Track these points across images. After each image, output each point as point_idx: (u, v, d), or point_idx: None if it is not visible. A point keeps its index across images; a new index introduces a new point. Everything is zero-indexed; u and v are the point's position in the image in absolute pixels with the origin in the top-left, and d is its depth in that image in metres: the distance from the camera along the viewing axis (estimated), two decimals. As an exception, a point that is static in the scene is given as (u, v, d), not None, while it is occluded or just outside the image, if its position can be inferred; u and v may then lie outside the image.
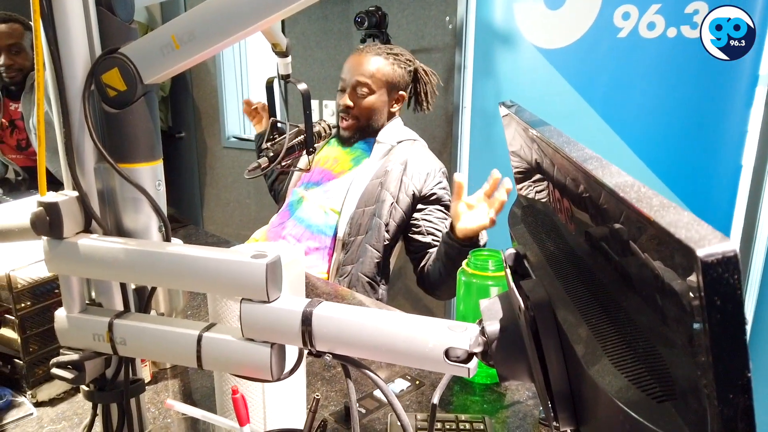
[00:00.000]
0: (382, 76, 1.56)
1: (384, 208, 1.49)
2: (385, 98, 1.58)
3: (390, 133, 1.60)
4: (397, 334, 0.48)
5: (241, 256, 0.50)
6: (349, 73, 1.58)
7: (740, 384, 0.24)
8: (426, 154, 1.58)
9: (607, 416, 0.35)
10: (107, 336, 0.57)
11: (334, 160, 1.64)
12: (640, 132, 1.97)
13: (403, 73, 1.60)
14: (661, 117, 1.90)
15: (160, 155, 0.60)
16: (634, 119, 1.98)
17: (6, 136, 2.32)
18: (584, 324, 0.39)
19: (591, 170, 0.35)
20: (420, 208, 1.53)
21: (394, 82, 1.58)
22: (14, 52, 2.16)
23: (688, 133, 1.86)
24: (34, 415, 0.84)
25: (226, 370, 0.55)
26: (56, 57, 0.54)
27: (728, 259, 0.22)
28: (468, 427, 0.77)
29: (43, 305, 0.86)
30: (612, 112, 2.03)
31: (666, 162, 1.92)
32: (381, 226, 1.49)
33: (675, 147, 1.88)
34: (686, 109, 1.85)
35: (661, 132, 1.91)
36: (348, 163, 1.61)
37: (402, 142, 1.59)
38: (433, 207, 1.53)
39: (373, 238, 1.48)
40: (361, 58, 1.58)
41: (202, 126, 3.68)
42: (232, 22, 0.50)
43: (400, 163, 1.52)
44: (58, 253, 0.56)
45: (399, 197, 1.50)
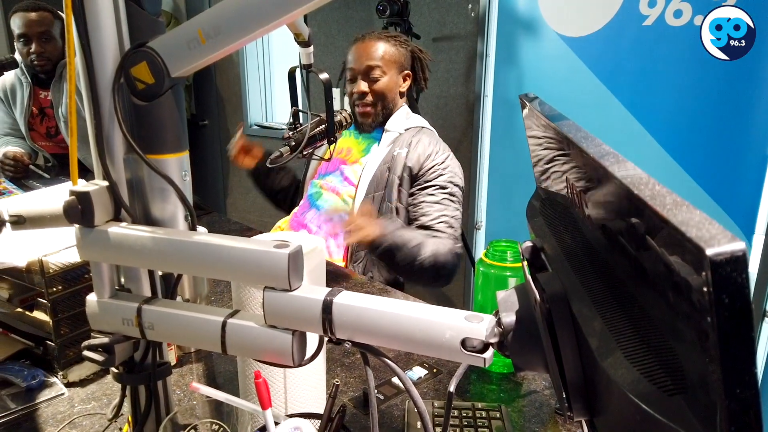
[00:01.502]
0: (390, 57, 1.60)
1: (393, 192, 1.53)
2: (395, 79, 1.63)
3: (398, 121, 1.64)
4: (415, 323, 0.49)
5: (264, 246, 0.51)
6: (357, 60, 1.60)
7: (747, 379, 0.24)
8: (430, 139, 1.60)
9: (619, 408, 0.36)
10: (136, 321, 0.59)
11: (348, 150, 1.68)
12: (665, 122, 1.94)
13: (405, 52, 1.65)
14: (686, 107, 1.87)
15: (186, 146, 0.62)
16: (659, 109, 1.95)
17: (36, 124, 2.38)
18: (599, 317, 0.40)
19: (607, 166, 0.35)
20: (413, 192, 1.55)
21: (400, 62, 1.63)
22: (44, 40, 2.20)
23: (713, 123, 1.82)
24: (65, 395, 0.87)
25: (249, 355, 0.56)
26: (87, 50, 0.56)
27: (737, 258, 0.23)
28: (484, 416, 0.78)
29: (73, 289, 0.90)
30: (636, 101, 2.00)
31: (690, 152, 1.89)
32: (392, 209, 1.52)
33: (700, 137, 1.85)
34: (712, 99, 1.81)
35: (686, 122, 1.88)
36: (360, 152, 1.65)
37: (409, 129, 1.63)
38: (426, 190, 1.54)
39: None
40: (366, 45, 1.61)
41: (225, 114, 3.72)
42: (256, 18, 0.51)
43: (406, 147, 1.56)
44: (89, 241, 0.59)
45: (403, 178, 1.53)
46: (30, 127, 2.37)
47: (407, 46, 1.67)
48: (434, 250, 1.42)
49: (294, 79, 1.43)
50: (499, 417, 0.79)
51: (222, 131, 3.76)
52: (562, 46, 2.15)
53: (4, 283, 0.95)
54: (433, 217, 1.50)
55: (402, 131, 1.62)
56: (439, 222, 1.50)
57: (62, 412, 0.83)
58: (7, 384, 0.88)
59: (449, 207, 1.52)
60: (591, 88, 2.09)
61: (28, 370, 0.90)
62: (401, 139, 1.60)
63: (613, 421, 0.39)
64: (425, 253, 1.40)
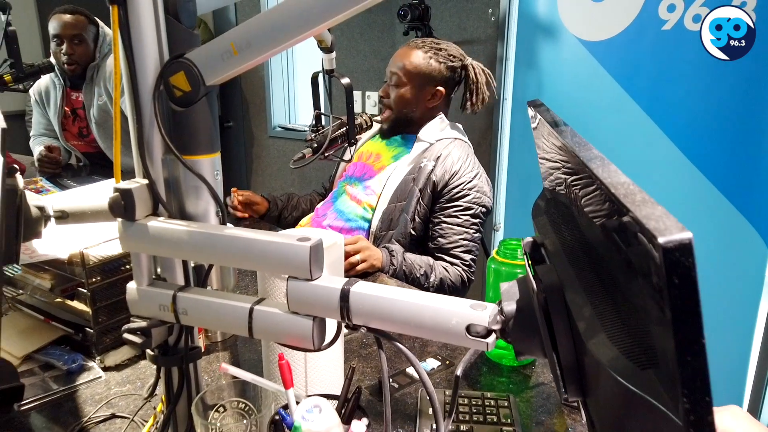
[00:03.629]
0: (413, 69, 1.56)
1: (411, 204, 1.49)
2: (416, 91, 1.57)
3: (431, 131, 1.60)
4: (425, 310, 0.53)
5: (288, 239, 0.56)
6: (389, 65, 1.63)
7: (696, 348, 0.29)
8: (460, 154, 1.54)
9: (603, 385, 0.40)
10: (171, 307, 0.65)
11: (376, 156, 1.67)
12: (683, 125, 1.95)
13: (441, 68, 1.58)
14: (704, 110, 1.88)
15: (218, 148, 0.67)
16: (677, 113, 1.96)
17: (68, 124, 2.48)
18: (589, 304, 0.44)
19: (593, 168, 0.40)
20: (435, 208, 1.51)
21: (427, 75, 1.57)
22: (76, 42, 2.29)
23: (731, 127, 1.83)
24: (102, 378, 0.94)
25: (273, 339, 0.62)
26: (131, 61, 0.62)
27: (684, 245, 0.27)
28: (493, 404, 0.83)
29: (111, 280, 0.96)
30: (655, 105, 2.02)
31: (709, 156, 1.89)
32: (407, 221, 1.50)
33: (718, 140, 1.86)
34: (731, 103, 1.82)
35: (704, 125, 1.89)
36: (389, 159, 1.63)
37: (441, 141, 1.58)
38: (449, 210, 1.49)
39: (399, 233, 1.51)
40: (401, 51, 1.61)
41: (249, 116, 3.80)
42: (284, 32, 0.56)
43: (433, 160, 1.52)
44: (130, 234, 0.64)
45: (424, 193, 1.50)
46: (63, 127, 2.47)
47: (450, 61, 1.60)
48: (441, 277, 1.43)
49: (317, 84, 1.49)
50: (507, 406, 0.83)
51: (246, 133, 3.85)
52: (581, 50, 2.17)
53: (47, 274, 1.02)
54: (452, 240, 1.47)
55: (433, 141, 1.57)
56: (456, 246, 1.48)
57: (100, 394, 0.90)
58: (50, 367, 0.95)
59: (470, 230, 1.49)
60: (610, 91, 2.11)
61: (69, 355, 0.96)
62: (431, 150, 1.55)
63: (599, 398, 0.44)
64: (432, 280, 1.42)
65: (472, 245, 1.51)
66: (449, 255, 1.48)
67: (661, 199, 0.32)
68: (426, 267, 1.43)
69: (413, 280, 1.41)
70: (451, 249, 1.48)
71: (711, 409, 0.30)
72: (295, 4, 0.55)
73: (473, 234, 1.51)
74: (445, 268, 1.46)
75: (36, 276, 1.04)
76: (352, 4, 0.54)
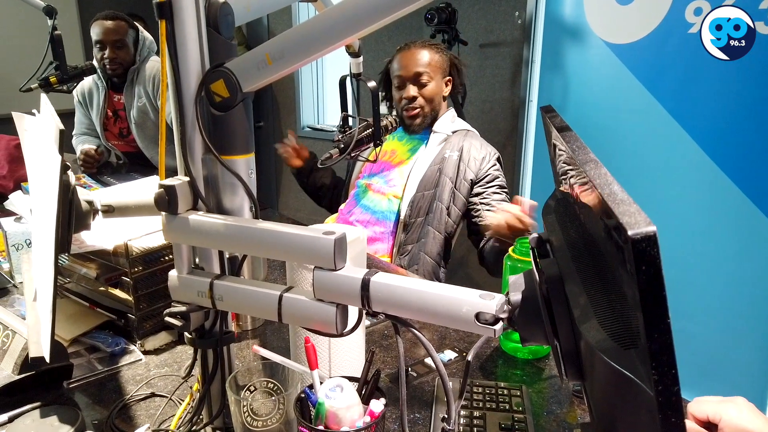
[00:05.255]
0: (435, 64, 1.72)
1: (445, 193, 1.62)
2: (441, 84, 1.74)
3: (445, 123, 1.75)
4: (438, 299, 0.58)
5: (315, 233, 0.62)
6: (405, 68, 1.71)
7: (662, 327, 0.33)
8: (480, 142, 1.71)
9: (594, 365, 0.45)
10: (209, 293, 0.71)
11: (392, 152, 1.78)
12: (709, 129, 1.95)
13: (446, 59, 1.78)
14: (731, 114, 1.88)
15: (252, 149, 0.74)
16: (705, 117, 1.96)
17: (110, 125, 2.59)
18: (584, 294, 0.49)
19: (586, 170, 0.44)
20: (477, 192, 1.65)
21: (443, 68, 1.75)
22: (118, 47, 2.40)
23: (758, 130, 1.83)
24: (142, 360, 1.01)
25: (300, 323, 0.67)
26: (176, 70, 0.69)
27: (649, 237, 0.32)
28: (505, 393, 0.87)
29: (151, 270, 1.04)
30: (681, 109, 2.02)
31: (735, 159, 1.89)
32: (443, 210, 1.61)
33: (744, 144, 1.86)
34: (760, 108, 1.82)
35: (731, 129, 1.88)
36: (405, 153, 1.75)
37: (456, 132, 1.73)
38: (489, 190, 1.65)
39: (435, 220, 1.61)
40: (413, 52, 1.73)
41: (279, 116, 3.90)
42: (315, 43, 0.62)
43: (457, 151, 1.66)
44: (173, 226, 0.71)
45: (458, 183, 1.63)
46: (104, 128, 2.59)
47: (447, 53, 1.80)
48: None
49: (344, 87, 1.55)
50: (519, 395, 0.87)
51: (276, 133, 3.94)
52: (607, 53, 2.18)
53: (93, 264, 1.10)
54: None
55: (450, 133, 1.73)
56: None
57: (140, 374, 0.97)
58: (95, 350, 1.03)
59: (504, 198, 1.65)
60: (636, 94, 2.12)
61: (112, 339, 1.04)
62: (450, 141, 1.70)
63: (593, 379, 0.48)
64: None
65: None
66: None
67: (685, 202, 0.36)
68: None
69: None
70: None
71: (677, 381, 0.34)
72: (325, 19, 0.61)
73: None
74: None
75: (83, 265, 1.12)
76: (381, 17, 0.59)
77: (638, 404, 0.39)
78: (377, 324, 1.15)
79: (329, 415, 0.66)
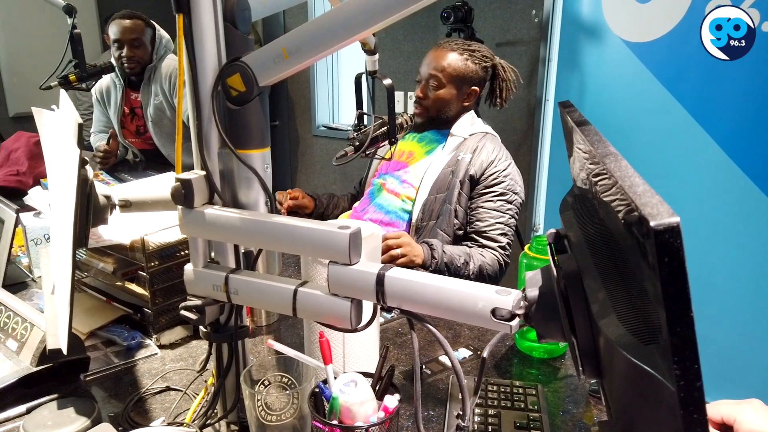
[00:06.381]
0: (453, 71, 1.65)
1: (453, 195, 1.58)
2: (454, 92, 1.66)
3: (463, 126, 1.69)
4: (453, 294, 0.58)
5: (330, 227, 0.62)
6: (425, 67, 1.69)
7: (685, 320, 0.32)
8: (494, 146, 1.64)
9: (613, 360, 0.44)
10: (224, 287, 0.71)
11: (409, 153, 1.75)
12: (730, 129, 1.92)
13: (477, 68, 1.67)
14: (751, 113, 1.85)
15: (268, 143, 0.74)
16: (723, 115, 1.93)
17: (127, 122, 2.62)
18: (603, 289, 0.48)
19: (606, 163, 0.44)
20: (473, 196, 1.60)
21: (465, 77, 1.66)
22: (135, 45, 2.43)
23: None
24: (158, 354, 1.02)
25: (315, 318, 0.67)
26: (193, 64, 0.69)
27: (672, 228, 0.31)
28: (521, 392, 0.86)
29: (167, 265, 1.04)
30: (701, 108, 1.99)
31: (755, 158, 1.86)
32: (451, 212, 1.58)
33: (764, 143, 1.83)
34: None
35: (751, 128, 1.85)
36: (422, 155, 1.72)
37: (474, 135, 1.67)
38: (486, 196, 1.57)
39: (444, 223, 1.58)
40: (437, 53, 1.68)
41: (295, 115, 3.91)
42: (330, 38, 0.62)
43: (470, 153, 1.61)
44: (189, 220, 0.71)
45: (464, 183, 1.59)
46: (122, 125, 2.61)
47: (485, 61, 1.68)
48: (480, 264, 1.50)
49: (360, 85, 1.55)
50: (534, 394, 0.86)
51: (291, 131, 3.96)
52: (625, 51, 2.16)
53: (110, 259, 1.11)
54: (489, 223, 1.55)
55: (467, 136, 1.67)
56: (493, 229, 1.55)
57: (156, 368, 0.98)
58: (111, 343, 1.04)
59: (505, 215, 1.57)
60: (654, 93, 2.09)
61: (128, 332, 1.05)
62: (466, 144, 1.65)
63: (611, 376, 0.47)
64: (471, 267, 1.48)
65: (507, 229, 1.58)
66: (485, 237, 1.55)
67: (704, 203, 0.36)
68: (465, 255, 1.49)
69: (455, 270, 1.47)
70: (488, 231, 1.55)
71: (699, 376, 0.33)
72: (342, 12, 0.61)
73: (508, 219, 1.58)
74: (482, 254, 1.52)
75: (100, 260, 1.13)
76: (395, 11, 0.58)
77: (659, 400, 0.38)
78: (391, 321, 1.14)
79: (343, 410, 0.66)
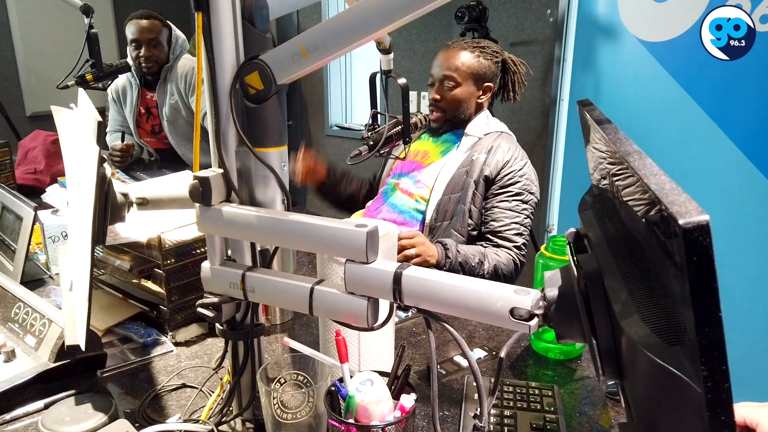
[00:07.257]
0: (467, 69, 1.64)
1: (468, 195, 1.57)
2: (471, 89, 1.66)
3: (478, 125, 1.68)
4: (471, 294, 0.58)
5: (347, 225, 0.62)
6: (437, 68, 1.68)
7: (713, 320, 0.32)
8: (510, 145, 1.63)
9: (635, 361, 0.44)
10: (240, 284, 0.71)
11: (424, 153, 1.74)
12: (748, 129, 1.90)
13: (489, 64, 1.66)
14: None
15: (285, 141, 0.74)
16: (743, 116, 1.91)
17: (143, 122, 2.64)
18: (625, 289, 0.47)
19: (630, 161, 0.43)
20: (488, 196, 1.58)
21: (480, 73, 1.65)
22: (152, 45, 2.45)
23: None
24: (173, 351, 1.03)
25: (331, 316, 0.67)
26: (212, 63, 0.69)
27: (702, 226, 0.30)
28: (537, 393, 0.86)
29: (183, 263, 1.05)
30: (718, 108, 1.97)
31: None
32: (465, 212, 1.57)
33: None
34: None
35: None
36: (437, 155, 1.70)
37: (489, 134, 1.66)
38: (501, 196, 1.56)
39: (458, 223, 1.57)
40: (448, 54, 1.67)
41: (308, 115, 3.92)
42: (348, 36, 0.62)
43: (485, 153, 1.60)
44: (206, 217, 0.72)
45: (478, 183, 1.57)
46: (137, 125, 2.63)
47: (495, 57, 1.69)
48: (495, 263, 1.49)
49: (374, 84, 1.55)
50: (550, 395, 0.86)
51: (304, 131, 3.97)
52: (641, 51, 2.14)
53: (127, 256, 1.12)
54: (504, 223, 1.54)
55: (481, 136, 1.66)
56: (508, 229, 1.54)
57: (171, 365, 0.98)
58: (128, 340, 1.05)
59: (521, 214, 1.56)
60: (671, 93, 2.07)
61: (144, 330, 1.06)
62: (481, 143, 1.64)
63: (633, 377, 0.47)
64: (486, 267, 1.47)
65: (523, 229, 1.56)
66: (500, 237, 1.54)
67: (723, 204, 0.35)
68: (479, 255, 1.48)
69: (469, 269, 1.46)
70: (503, 231, 1.54)
71: (727, 377, 0.33)
72: (359, 11, 0.61)
73: (524, 219, 1.57)
74: (496, 253, 1.51)
75: (116, 257, 1.14)
76: (413, 9, 0.58)
77: (684, 402, 0.37)
78: (405, 321, 1.14)
79: (359, 408, 0.66)
